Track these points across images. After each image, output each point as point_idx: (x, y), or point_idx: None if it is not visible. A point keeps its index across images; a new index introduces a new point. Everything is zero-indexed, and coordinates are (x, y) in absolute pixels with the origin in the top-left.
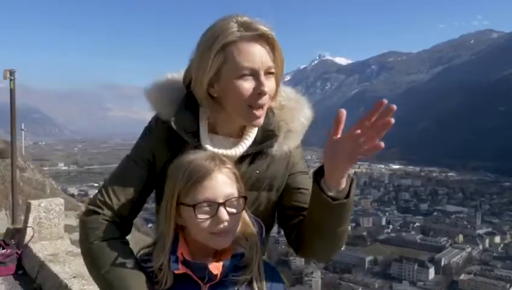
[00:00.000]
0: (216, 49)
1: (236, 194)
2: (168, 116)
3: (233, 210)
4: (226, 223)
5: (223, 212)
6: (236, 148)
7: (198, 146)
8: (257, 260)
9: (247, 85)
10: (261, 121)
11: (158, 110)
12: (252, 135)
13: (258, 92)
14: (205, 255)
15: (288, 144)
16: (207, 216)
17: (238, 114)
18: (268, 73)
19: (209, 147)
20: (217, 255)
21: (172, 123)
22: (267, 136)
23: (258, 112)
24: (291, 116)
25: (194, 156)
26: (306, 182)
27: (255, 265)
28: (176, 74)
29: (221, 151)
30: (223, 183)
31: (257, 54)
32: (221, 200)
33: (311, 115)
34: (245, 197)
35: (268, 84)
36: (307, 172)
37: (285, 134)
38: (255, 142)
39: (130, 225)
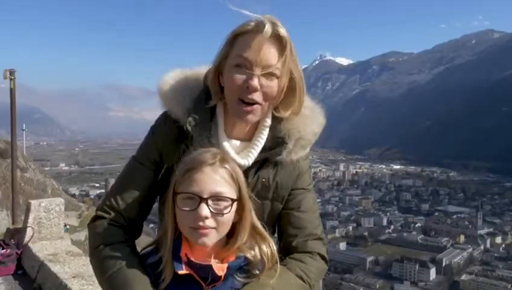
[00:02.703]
0: (229, 37)
1: (226, 195)
2: (179, 115)
3: (218, 209)
4: (206, 221)
5: (204, 208)
6: (248, 157)
7: (210, 146)
8: (266, 264)
9: (239, 75)
10: (251, 118)
11: (169, 108)
12: (261, 141)
13: (247, 85)
14: (206, 256)
15: (297, 152)
16: (188, 209)
17: (230, 107)
18: (268, 73)
19: (226, 147)
20: (219, 257)
21: (188, 124)
22: (277, 143)
23: (247, 108)
24: (303, 124)
25: (199, 151)
26: (305, 203)
27: (263, 271)
28: (190, 71)
29: (232, 155)
30: (211, 180)
31: (258, 49)
32: (205, 196)
33: (324, 123)
34: (234, 200)
35: (265, 83)
36: (309, 189)
37: (295, 142)
38: (263, 149)
39: (139, 227)
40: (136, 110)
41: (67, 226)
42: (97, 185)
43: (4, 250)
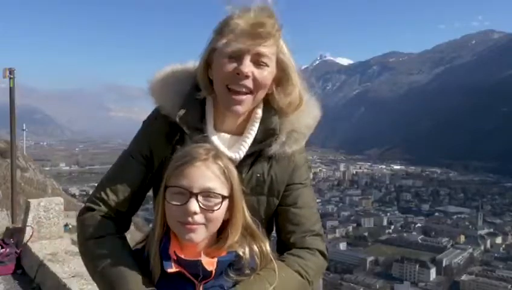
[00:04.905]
0: (216, 28)
1: (217, 191)
2: (170, 110)
3: (208, 205)
4: (195, 216)
5: (193, 204)
6: (239, 151)
7: (202, 141)
8: (258, 265)
9: (229, 64)
10: (240, 108)
11: (160, 103)
12: (252, 133)
13: (237, 72)
14: (196, 254)
15: (291, 145)
16: (178, 203)
17: (219, 97)
18: (258, 62)
19: (215, 141)
20: (210, 256)
21: (177, 118)
22: (268, 135)
23: (236, 97)
24: (296, 117)
25: (192, 145)
26: (302, 199)
27: (256, 270)
28: (180, 66)
29: (222, 150)
30: (203, 175)
31: (244, 33)
32: (195, 191)
33: (319, 116)
34: (224, 197)
35: (256, 70)
36: (306, 184)
37: (288, 134)
38: (255, 141)
39: (128, 221)
40: (136, 110)
41: (69, 226)
42: (97, 185)
43: (3, 249)
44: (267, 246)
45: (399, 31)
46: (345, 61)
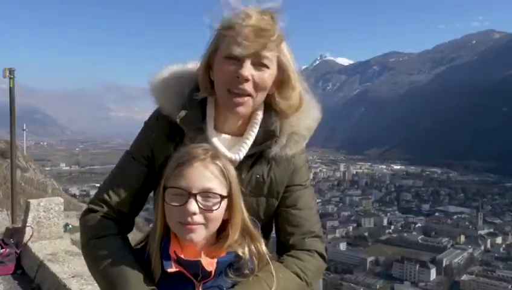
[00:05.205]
0: (218, 29)
1: (216, 191)
2: (171, 111)
3: (207, 205)
4: (194, 217)
5: (192, 204)
6: (240, 152)
7: (202, 142)
8: (256, 265)
9: (229, 67)
10: (242, 109)
11: (161, 104)
12: (252, 134)
13: (237, 75)
14: (196, 254)
15: (292, 147)
16: (177, 204)
17: (220, 99)
18: (258, 64)
19: (216, 142)
20: (210, 256)
21: (178, 119)
22: (268, 136)
23: (237, 100)
24: (297, 119)
25: (190, 146)
26: (302, 200)
27: (254, 271)
28: (181, 66)
29: (223, 151)
30: (201, 175)
31: (247, 39)
32: (194, 191)
33: (319, 117)
34: (223, 197)
35: (256, 73)
36: (306, 185)
37: (288, 136)
38: (255, 143)
39: (131, 222)
40: (136, 110)
41: (70, 226)
42: (97, 185)
43: (3, 249)
44: (263, 247)
45: (399, 31)
46: (345, 61)
